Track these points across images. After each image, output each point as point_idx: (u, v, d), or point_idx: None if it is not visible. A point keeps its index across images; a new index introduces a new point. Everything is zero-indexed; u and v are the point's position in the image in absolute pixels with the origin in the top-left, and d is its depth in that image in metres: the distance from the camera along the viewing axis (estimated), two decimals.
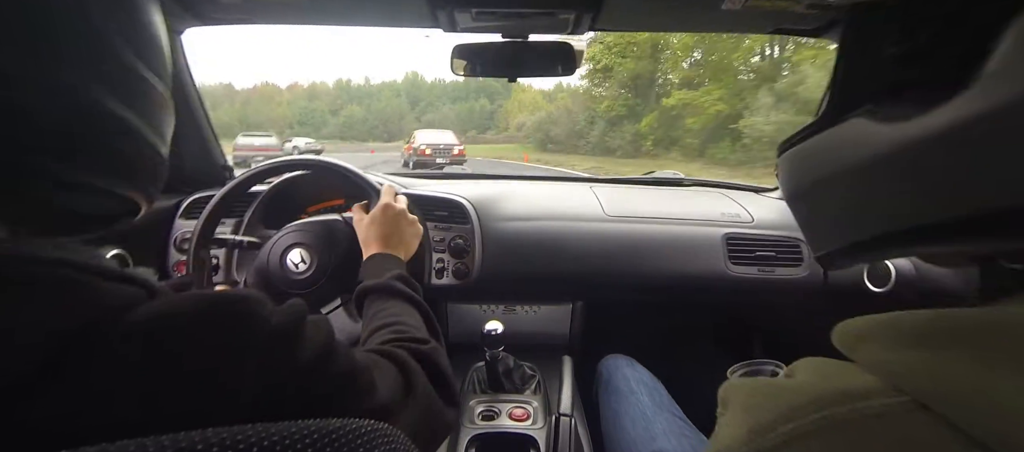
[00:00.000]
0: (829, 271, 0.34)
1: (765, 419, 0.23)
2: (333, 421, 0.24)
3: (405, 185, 1.07)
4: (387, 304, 0.55)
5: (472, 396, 0.84)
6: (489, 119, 54.86)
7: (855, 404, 0.21)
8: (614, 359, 0.96)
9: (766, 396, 0.24)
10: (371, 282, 0.58)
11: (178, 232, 0.99)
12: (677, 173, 1.39)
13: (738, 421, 0.25)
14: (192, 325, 0.24)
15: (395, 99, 62.14)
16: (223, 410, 0.23)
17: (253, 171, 0.83)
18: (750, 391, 0.26)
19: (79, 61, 0.23)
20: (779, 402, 0.23)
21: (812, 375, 0.25)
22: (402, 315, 0.53)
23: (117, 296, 0.23)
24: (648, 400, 0.82)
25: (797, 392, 0.23)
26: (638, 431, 0.77)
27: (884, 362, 0.22)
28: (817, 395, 0.22)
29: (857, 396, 0.21)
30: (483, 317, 1.03)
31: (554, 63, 0.88)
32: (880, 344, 0.23)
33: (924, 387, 0.20)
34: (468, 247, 0.98)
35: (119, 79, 0.26)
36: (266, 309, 0.27)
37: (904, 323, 0.23)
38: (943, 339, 0.21)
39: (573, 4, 0.76)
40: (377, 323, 0.51)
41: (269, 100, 62.19)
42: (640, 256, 1.00)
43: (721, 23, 0.89)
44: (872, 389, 0.21)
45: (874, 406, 0.21)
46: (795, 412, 0.22)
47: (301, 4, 0.84)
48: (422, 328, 0.52)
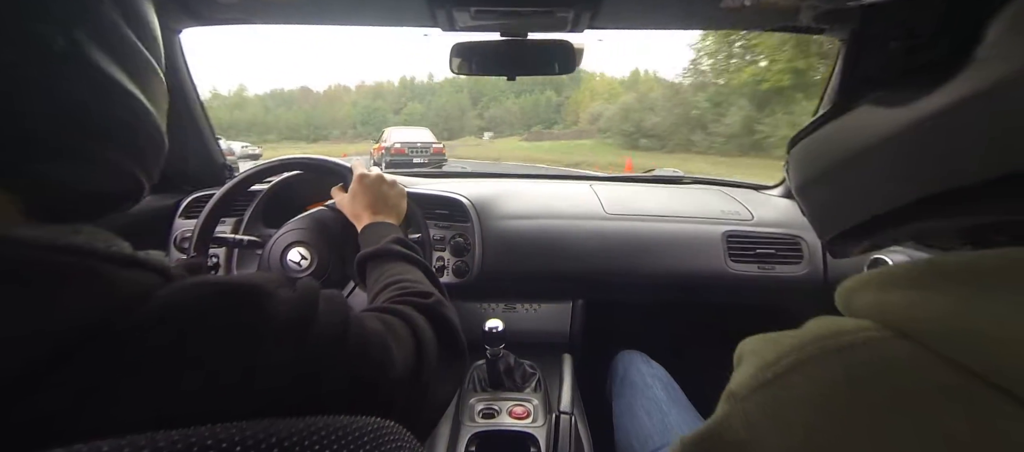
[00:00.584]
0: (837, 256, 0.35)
1: (769, 357, 0.26)
2: (341, 418, 0.24)
3: (406, 184, 1.07)
4: (387, 266, 0.55)
5: (472, 394, 0.84)
6: (556, 112, 52.04)
7: (843, 337, 0.24)
8: (629, 355, 0.97)
9: (773, 341, 0.27)
10: (369, 249, 0.58)
11: (178, 231, 0.99)
12: (677, 171, 1.39)
13: (747, 365, 0.28)
14: (203, 316, 0.24)
15: (456, 95, 59.72)
16: (236, 401, 0.23)
17: (253, 170, 0.83)
18: (759, 341, 0.29)
19: (84, 29, 0.25)
20: (782, 343, 0.26)
21: (816, 323, 0.27)
22: (404, 273, 0.53)
23: (132, 284, 0.23)
24: (663, 394, 0.83)
25: (799, 335, 0.26)
26: (653, 423, 0.78)
27: (873, 304, 0.25)
28: (816, 334, 0.25)
29: (846, 332, 0.24)
30: (483, 315, 1.03)
31: (553, 61, 0.88)
32: (870, 290, 0.26)
33: (904, 317, 0.23)
34: (468, 245, 0.98)
35: (123, 53, 0.27)
36: (278, 296, 0.27)
37: (896, 271, 0.25)
38: (928, 279, 0.23)
39: (572, 2, 0.76)
40: (380, 285, 0.51)
41: (335, 101, 61.71)
42: (640, 254, 1.00)
43: (721, 21, 0.89)
44: (862, 326, 0.24)
45: (862, 337, 0.23)
46: (795, 349, 0.25)
47: (299, 4, 0.84)
48: (424, 282, 0.52)
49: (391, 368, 0.34)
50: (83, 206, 0.29)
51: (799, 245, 1.01)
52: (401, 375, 0.35)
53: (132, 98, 0.27)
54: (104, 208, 0.30)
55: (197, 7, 0.86)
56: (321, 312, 0.29)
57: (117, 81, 0.26)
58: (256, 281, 0.27)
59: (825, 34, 0.90)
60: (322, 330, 0.29)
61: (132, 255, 0.24)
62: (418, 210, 0.99)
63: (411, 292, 0.47)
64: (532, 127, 45.81)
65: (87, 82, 0.25)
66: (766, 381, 0.25)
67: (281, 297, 0.27)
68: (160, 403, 0.21)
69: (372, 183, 0.70)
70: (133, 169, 0.29)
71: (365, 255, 0.58)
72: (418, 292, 0.47)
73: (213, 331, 0.24)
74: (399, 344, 0.36)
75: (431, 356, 0.39)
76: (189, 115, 1.03)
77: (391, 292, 0.48)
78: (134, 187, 0.30)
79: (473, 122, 48.79)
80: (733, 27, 0.95)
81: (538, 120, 50.77)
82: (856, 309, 0.26)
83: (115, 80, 0.26)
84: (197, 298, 0.24)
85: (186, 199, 1.02)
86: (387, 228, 0.64)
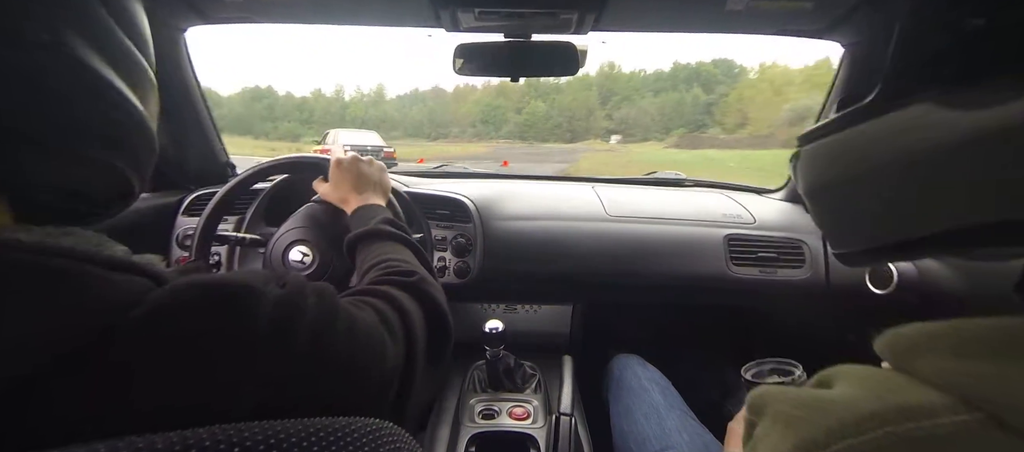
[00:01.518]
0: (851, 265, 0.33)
1: (813, 435, 0.21)
2: (339, 419, 0.23)
3: (406, 184, 1.07)
4: (376, 246, 0.55)
5: (472, 395, 0.84)
6: (705, 114, 44.40)
7: (920, 422, 0.19)
8: (625, 358, 0.97)
9: (813, 410, 0.22)
10: (358, 230, 0.58)
11: (180, 229, 0.99)
12: (678, 173, 1.39)
13: (780, 436, 0.23)
14: (189, 320, 0.24)
15: (584, 92, 54.04)
16: (227, 403, 0.23)
17: (255, 168, 0.83)
18: (793, 402, 0.24)
19: (73, 28, 0.24)
20: (829, 417, 0.21)
21: (861, 387, 0.22)
22: (392, 253, 0.53)
23: (122, 289, 0.23)
24: (660, 397, 0.83)
25: (850, 407, 0.21)
26: (651, 426, 0.78)
27: (950, 374, 0.20)
28: (874, 410, 0.20)
29: (922, 413, 0.19)
30: (484, 316, 1.03)
31: (556, 63, 0.88)
32: (942, 355, 0.21)
33: (1002, 401, 0.18)
34: (470, 246, 0.98)
35: (114, 53, 0.27)
36: (266, 294, 0.27)
37: (968, 332, 0.21)
38: (1018, 348, 0.19)
39: (576, 4, 0.76)
40: (367, 265, 0.52)
41: (461, 99, 60.52)
42: (641, 256, 1.00)
43: (726, 24, 0.89)
44: (938, 405, 0.19)
45: (943, 424, 0.18)
46: (848, 429, 0.20)
47: (304, 3, 0.84)
48: (412, 261, 0.52)
49: (385, 357, 0.33)
50: (74, 208, 0.28)
51: (801, 249, 1.01)
52: (395, 362, 0.34)
53: (123, 98, 0.27)
54: (95, 210, 0.30)
55: (202, 5, 0.86)
56: (310, 307, 0.29)
57: (107, 80, 0.26)
58: (246, 280, 0.26)
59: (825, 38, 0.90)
60: (312, 325, 0.28)
61: (122, 259, 0.24)
62: (419, 210, 0.99)
63: (396, 271, 0.47)
64: (673, 131, 38.19)
65: (75, 80, 0.25)
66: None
67: (269, 295, 0.27)
68: (147, 408, 0.21)
69: (350, 165, 0.70)
70: (124, 170, 0.28)
71: (354, 237, 0.57)
72: (403, 271, 0.47)
73: (200, 336, 0.24)
74: (391, 332, 0.36)
75: (420, 338, 0.39)
76: (193, 113, 1.03)
77: (377, 272, 0.48)
78: (126, 188, 0.30)
79: (601, 123, 42.16)
80: (737, 31, 0.95)
81: (681, 122, 42.81)
82: (921, 373, 0.21)
83: (106, 79, 0.26)
84: (184, 303, 0.24)
85: (188, 197, 1.02)
86: (376, 209, 0.64)
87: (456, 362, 0.97)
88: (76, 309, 0.21)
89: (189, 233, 0.96)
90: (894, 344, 0.23)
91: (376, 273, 0.48)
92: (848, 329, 1.08)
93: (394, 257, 0.52)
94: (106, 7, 0.27)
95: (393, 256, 0.52)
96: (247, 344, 0.25)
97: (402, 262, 0.51)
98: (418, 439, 0.80)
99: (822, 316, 1.07)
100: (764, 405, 0.25)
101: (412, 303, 0.42)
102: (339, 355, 0.30)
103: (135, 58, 0.29)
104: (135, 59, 0.29)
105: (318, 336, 0.28)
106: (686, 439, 0.74)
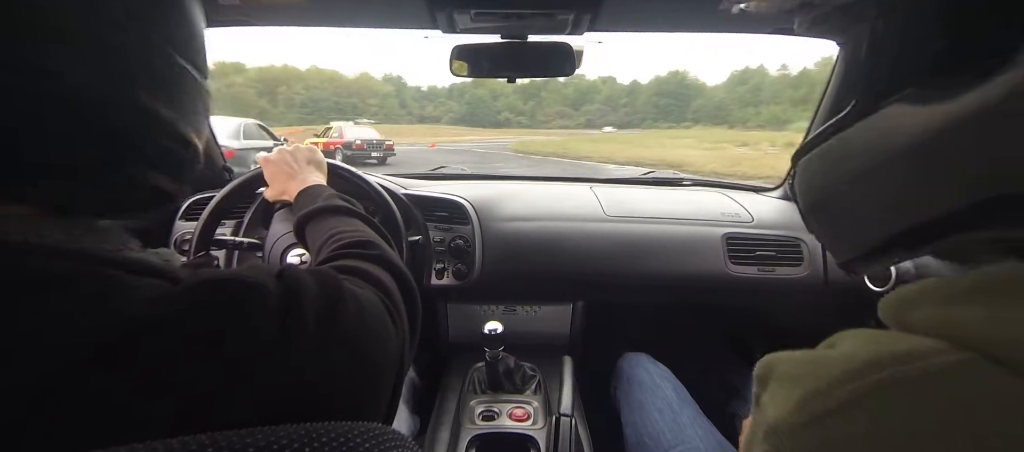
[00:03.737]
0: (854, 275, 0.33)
1: (817, 385, 0.22)
2: (342, 424, 0.23)
3: (404, 185, 1.07)
4: (325, 222, 0.52)
5: (472, 396, 0.84)
6: None
7: (915, 363, 0.20)
8: (635, 356, 0.97)
9: (815, 364, 0.23)
10: (304, 211, 0.55)
11: (178, 233, 0.99)
12: (677, 173, 1.39)
13: (786, 392, 0.24)
14: (204, 318, 0.23)
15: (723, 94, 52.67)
16: (236, 403, 0.23)
17: (253, 172, 0.83)
18: (797, 362, 0.25)
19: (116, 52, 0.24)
20: (831, 368, 0.22)
21: (860, 342, 0.24)
22: (344, 226, 0.50)
23: (142, 294, 0.23)
24: (673, 394, 0.83)
25: (850, 358, 0.22)
26: (666, 420, 0.78)
27: (941, 321, 0.21)
28: (872, 358, 0.21)
29: (917, 356, 0.20)
30: (483, 317, 1.03)
31: (553, 63, 0.88)
32: (934, 305, 0.22)
33: (991, 338, 0.19)
34: (468, 247, 0.98)
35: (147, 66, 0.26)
36: (269, 289, 0.26)
37: (957, 283, 0.22)
38: (1003, 291, 0.20)
39: (572, 5, 0.76)
40: (319, 242, 0.49)
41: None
42: (640, 256, 1.00)
43: (721, 24, 0.89)
44: (933, 347, 0.20)
45: (935, 364, 0.20)
46: (850, 376, 0.21)
47: (300, 6, 0.84)
48: (367, 232, 0.50)
49: (389, 337, 0.33)
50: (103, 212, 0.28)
51: (799, 247, 1.01)
52: (397, 342, 0.34)
53: (154, 112, 0.27)
54: (131, 215, 0.29)
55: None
56: (314, 298, 0.28)
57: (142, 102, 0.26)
58: (254, 276, 0.26)
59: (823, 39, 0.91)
60: (312, 320, 0.27)
61: (139, 260, 0.24)
62: (418, 212, 0.99)
63: (354, 243, 0.45)
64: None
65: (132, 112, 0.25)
66: (816, 415, 0.21)
67: (271, 289, 0.27)
68: (170, 410, 0.21)
69: (276, 158, 0.68)
70: (157, 181, 0.28)
71: (300, 218, 0.55)
72: (360, 242, 0.45)
73: (216, 335, 0.23)
74: (389, 310, 0.35)
75: (404, 312, 0.38)
76: None
77: (333, 246, 0.46)
78: (157, 196, 0.29)
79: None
80: (732, 30, 0.95)
81: None
82: (915, 325, 0.23)
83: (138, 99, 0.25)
84: (199, 303, 0.24)
85: (186, 201, 1.02)
86: (318, 189, 0.62)
87: (456, 363, 0.97)
88: (92, 313, 0.21)
89: (187, 237, 0.95)
90: (889, 304, 0.25)
91: (332, 247, 0.45)
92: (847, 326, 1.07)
93: (347, 229, 0.49)
94: (161, 33, 0.26)
95: (345, 229, 0.49)
96: (259, 341, 0.25)
97: (356, 233, 0.48)
98: (418, 441, 0.79)
99: (821, 314, 1.07)
100: (770, 370, 0.26)
101: (386, 276, 0.40)
102: (349, 336, 0.29)
103: (189, 78, 0.29)
104: (188, 79, 0.29)
105: (325, 322, 0.28)
106: (701, 435, 0.74)
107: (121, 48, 0.24)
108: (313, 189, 0.61)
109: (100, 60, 0.23)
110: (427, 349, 1.08)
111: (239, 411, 0.23)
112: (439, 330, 1.05)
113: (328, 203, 0.55)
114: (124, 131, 0.25)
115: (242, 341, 0.24)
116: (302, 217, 0.54)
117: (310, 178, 0.65)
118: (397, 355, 0.34)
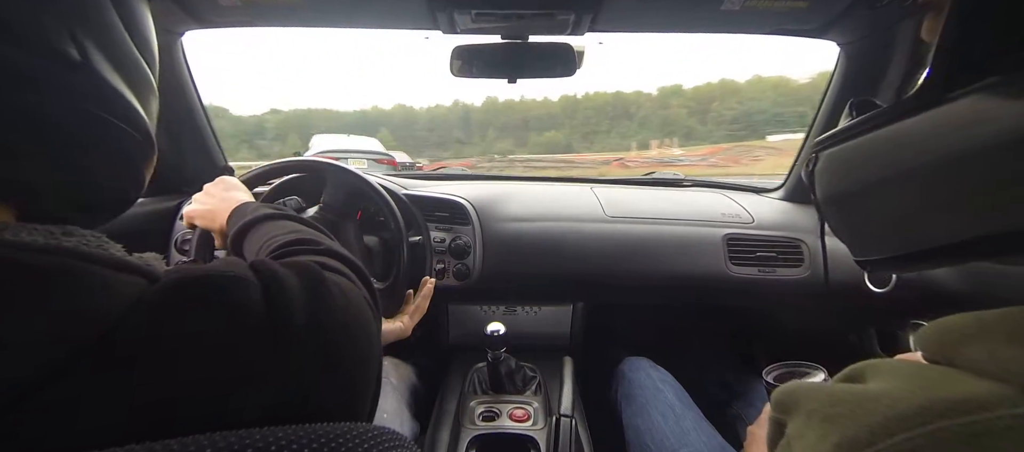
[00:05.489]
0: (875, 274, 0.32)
1: (856, 433, 0.19)
2: (342, 425, 0.23)
3: (404, 186, 1.07)
4: (260, 230, 0.50)
5: (473, 397, 0.84)
6: None
7: (976, 416, 0.17)
8: (636, 360, 0.97)
9: (853, 406, 0.21)
10: (238, 224, 0.52)
11: (179, 234, 0.99)
12: (677, 173, 1.39)
13: (817, 433, 0.21)
14: (181, 314, 0.23)
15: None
16: (226, 396, 0.23)
17: (254, 173, 0.83)
18: (829, 400, 0.22)
19: (90, 37, 0.25)
20: (872, 414, 0.20)
21: (903, 381, 0.21)
22: (280, 230, 0.48)
23: (125, 291, 0.23)
24: (675, 399, 0.84)
25: (894, 402, 0.19)
26: (669, 425, 0.78)
27: (1007, 362, 0.18)
28: (921, 405, 0.18)
29: (977, 405, 0.17)
30: (484, 318, 1.03)
31: (554, 64, 0.88)
32: (996, 341, 0.19)
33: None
34: (469, 248, 0.98)
35: (121, 58, 0.27)
36: (250, 282, 0.26)
37: (1020, 318, 0.19)
38: None
39: (572, 5, 0.76)
40: (255, 249, 0.47)
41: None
42: (641, 257, 1.00)
43: (721, 24, 0.89)
44: (995, 396, 0.18)
45: (1002, 416, 0.17)
46: (895, 425, 0.18)
47: (301, 6, 0.84)
48: (307, 230, 0.48)
49: (372, 328, 0.32)
50: (74, 211, 0.28)
51: (800, 248, 1.01)
52: (379, 328, 0.34)
53: (131, 109, 0.27)
54: (95, 213, 0.29)
55: (198, 10, 0.86)
56: (296, 288, 0.28)
57: (118, 91, 0.26)
58: (225, 271, 0.26)
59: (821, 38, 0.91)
60: (300, 311, 0.27)
61: (123, 259, 0.24)
62: (418, 213, 0.99)
63: (297, 241, 0.43)
64: None
65: (95, 92, 0.25)
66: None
67: (252, 281, 0.26)
68: (153, 409, 0.21)
69: (196, 198, 0.66)
70: (124, 176, 0.29)
71: (235, 232, 0.52)
72: (303, 240, 0.43)
73: (195, 331, 0.23)
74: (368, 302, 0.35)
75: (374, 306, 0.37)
76: (191, 117, 1.03)
77: (272, 246, 0.43)
78: (124, 194, 0.30)
79: None
80: (733, 30, 0.95)
81: None
82: (970, 363, 0.20)
83: (117, 91, 0.26)
84: (177, 300, 0.23)
85: (187, 201, 1.02)
86: (247, 205, 0.59)
87: (456, 364, 0.97)
88: (80, 309, 0.21)
89: (187, 238, 0.95)
90: (941, 333, 0.22)
91: (273, 250, 0.42)
92: (848, 328, 1.08)
93: (286, 231, 0.46)
94: (118, 12, 0.27)
95: (283, 231, 0.46)
96: (243, 334, 0.24)
97: (297, 232, 0.45)
98: (418, 442, 0.79)
99: (821, 315, 1.07)
100: (796, 402, 0.24)
101: (343, 267, 0.38)
102: (337, 325, 0.29)
103: (140, 65, 0.29)
104: (140, 66, 0.29)
105: (313, 312, 0.27)
106: (704, 439, 0.74)
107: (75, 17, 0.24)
108: (243, 206, 0.58)
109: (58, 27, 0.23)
110: (428, 350, 1.09)
111: (231, 406, 0.23)
112: (440, 331, 1.05)
113: (259, 213, 0.52)
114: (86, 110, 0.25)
115: (228, 335, 0.24)
116: (237, 232, 0.51)
117: (236, 199, 0.61)
118: (379, 342, 0.33)
